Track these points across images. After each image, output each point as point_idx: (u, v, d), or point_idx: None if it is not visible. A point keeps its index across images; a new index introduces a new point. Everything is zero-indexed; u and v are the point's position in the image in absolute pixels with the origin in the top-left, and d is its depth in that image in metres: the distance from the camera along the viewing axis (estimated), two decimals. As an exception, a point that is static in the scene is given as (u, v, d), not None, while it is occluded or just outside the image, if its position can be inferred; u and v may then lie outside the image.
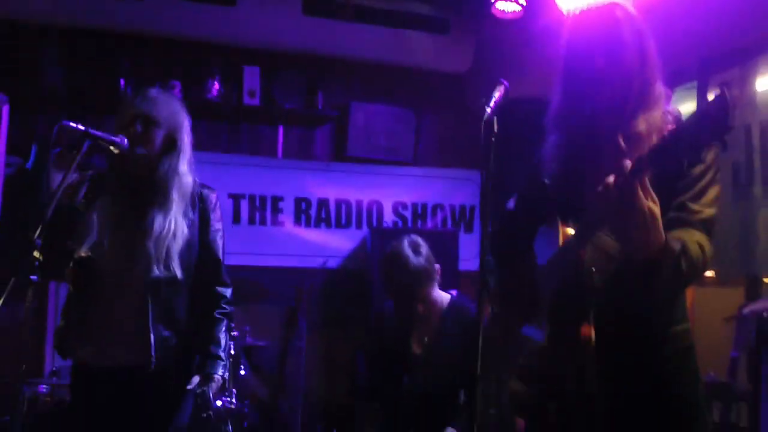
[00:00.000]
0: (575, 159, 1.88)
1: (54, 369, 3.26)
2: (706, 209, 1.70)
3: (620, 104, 1.76)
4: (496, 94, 1.68)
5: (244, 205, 4.79)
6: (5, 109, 3.91)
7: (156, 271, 2.39)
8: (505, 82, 1.72)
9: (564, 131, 1.92)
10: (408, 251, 3.00)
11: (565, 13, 3.94)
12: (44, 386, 3.20)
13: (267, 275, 4.59)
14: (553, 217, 1.87)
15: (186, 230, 2.48)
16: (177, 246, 2.43)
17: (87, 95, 4.41)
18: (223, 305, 2.58)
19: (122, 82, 4.46)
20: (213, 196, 2.63)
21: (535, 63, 4.16)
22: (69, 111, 4.42)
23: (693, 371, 1.82)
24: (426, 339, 3.09)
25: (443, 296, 3.13)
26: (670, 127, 1.77)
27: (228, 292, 2.62)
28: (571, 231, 1.77)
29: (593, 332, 1.66)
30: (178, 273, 2.43)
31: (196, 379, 2.42)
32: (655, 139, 1.73)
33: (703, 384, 1.85)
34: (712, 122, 1.30)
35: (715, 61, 3.77)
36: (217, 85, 4.66)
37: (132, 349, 2.41)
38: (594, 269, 1.67)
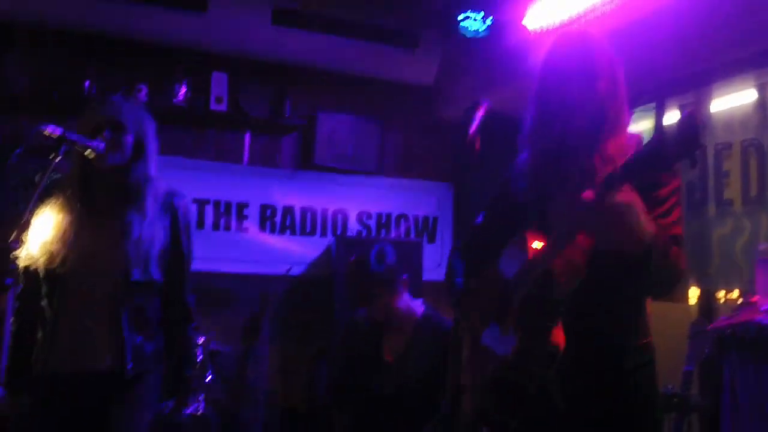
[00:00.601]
0: (545, 176, 1.94)
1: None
2: (674, 227, 1.78)
3: (593, 128, 1.84)
4: (479, 113, 1.73)
5: (209, 211, 4.78)
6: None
7: (136, 275, 2.39)
8: (486, 101, 1.77)
9: (536, 149, 1.98)
10: (372, 259, 3.06)
11: (531, 32, 4.05)
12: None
13: (231, 281, 4.59)
14: (521, 231, 1.92)
15: (162, 235, 2.49)
16: (155, 250, 2.44)
17: (51, 97, 4.35)
18: (193, 317, 2.60)
19: (86, 84, 4.41)
20: (183, 203, 2.62)
21: (502, 79, 4.26)
22: (31, 112, 4.36)
23: (654, 384, 1.89)
24: (396, 347, 3.14)
25: (415, 305, 3.19)
26: (635, 149, 1.88)
27: (193, 299, 2.63)
28: (538, 244, 1.82)
29: (562, 339, 1.71)
30: (157, 276, 2.43)
31: (170, 404, 2.45)
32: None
33: (660, 396, 1.92)
34: (684, 139, 1.38)
35: (672, 84, 3.90)
36: (184, 90, 4.64)
37: (104, 355, 2.40)
38: (562, 280, 1.72)
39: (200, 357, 3.60)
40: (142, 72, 4.59)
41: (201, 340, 2.57)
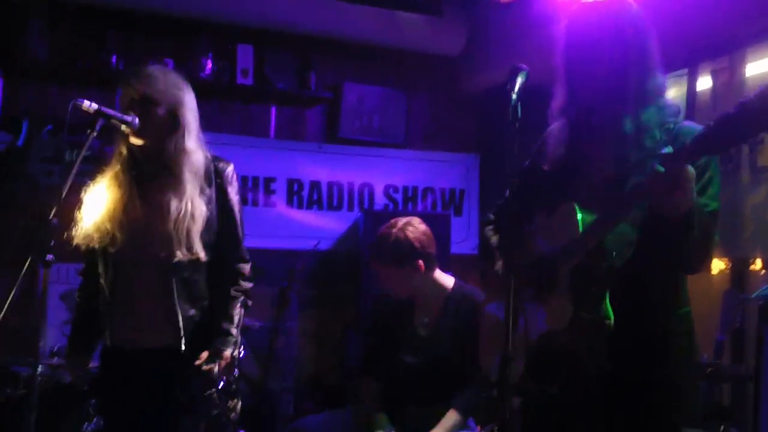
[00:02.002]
0: (577, 147, 1.94)
1: (54, 349, 3.25)
2: (711, 202, 1.76)
3: (621, 95, 1.81)
4: (520, 80, 1.71)
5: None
6: (-1, 83, 3.86)
7: (179, 255, 2.37)
8: (526, 67, 1.75)
9: (566, 120, 1.97)
10: (394, 230, 3.02)
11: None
12: (43, 366, 3.19)
13: (259, 256, 4.56)
14: (555, 201, 1.91)
15: (204, 209, 2.44)
16: (197, 227, 2.40)
17: (75, 68, 4.36)
18: (240, 282, 2.55)
19: (114, 58, 4.42)
20: (229, 169, 2.57)
21: (530, 48, 4.19)
22: (59, 85, 4.38)
23: (694, 352, 1.94)
24: (427, 320, 3.13)
25: (445, 278, 3.18)
26: (670, 120, 1.85)
27: (246, 268, 2.59)
28: (583, 216, 1.81)
29: (611, 311, 1.73)
30: (201, 255, 2.41)
31: (204, 355, 2.41)
32: (657, 132, 1.81)
33: (696, 364, 1.95)
34: (761, 114, 1.38)
35: (705, 49, 3.83)
36: (210, 64, 4.63)
37: (160, 330, 2.43)
38: (615, 253, 1.74)
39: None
40: (168, 45, 4.60)
41: (248, 303, 2.51)
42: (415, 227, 3.06)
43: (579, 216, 1.81)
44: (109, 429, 2.57)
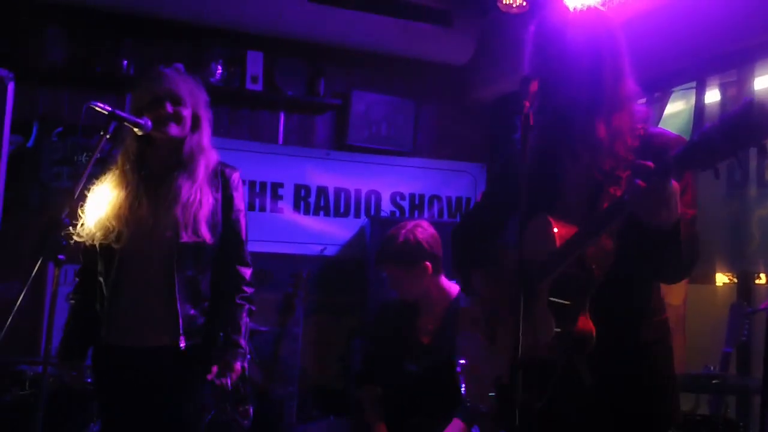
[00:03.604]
0: (550, 154, 1.91)
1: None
2: (688, 209, 1.74)
3: (593, 101, 1.80)
4: (532, 86, 1.70)
5: (245, 191, 4.80)
6: (11, 86, 3.89)
7: (184, 236, 2.40)
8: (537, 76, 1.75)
9: (538, 126, 1.88)
10: (400, 238, 3.02)
11: (570, 9, 3.99)
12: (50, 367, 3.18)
13: (266, 261, 4.59)
14: (529, 209, 1.88)
15: (212, 199, 2.49)
16: (204, 212, 2.44)
17: (89, 73, 4.40)
18: (244, 288, 2.58)
19: (125, 63, 4.45)
20: (235, 175, 2.63)
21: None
22: (70, 89, 4.42)
23: (669, 360, 1.91)
24: (430, 327, 3.13)
25: (450, 286, 3.18)
26: (639, 126, 1.84)
27: (248, 272, 2.62)
28: (563, 228, 1.80)
29: (592, 324, 1.72)
30: (207, 237, 2.43)
31: (215, 369, 2.43)
32: (628, 138, 1.80)
33: (674, 370, 1.93)
34: (752, 126, 1.32)
35: (713, 62, 3.84)
36: (220, 69, 4.67)
37: (160, 328, 2.44)
38: (594, 264, 1.72)
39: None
40: (178, 51, 4.63)
41: (252, 309, 2.53)
42: (424, 229, 3.08)
43: (555, 230, 1.78)
44: (108, 429, 2.57)
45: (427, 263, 3.03)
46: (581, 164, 1.86)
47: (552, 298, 1.77)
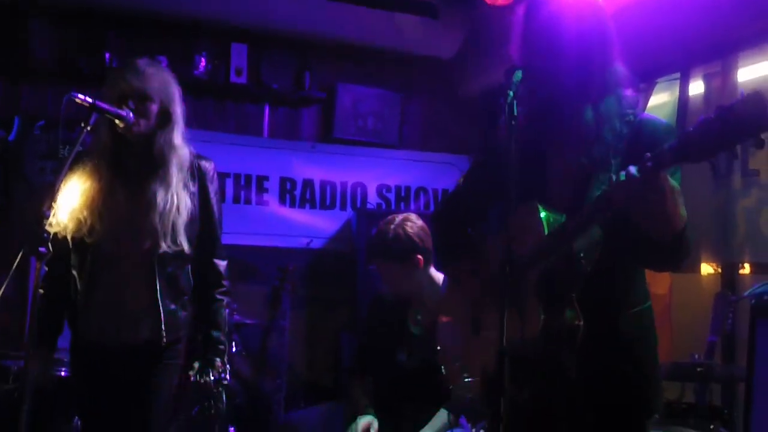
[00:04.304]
0: (536, 140, 1.87)
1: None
2: None
3: (580, 85, 1.79)
4: (516, 79, 1.69)
5: (229, 184, 4.78)
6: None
7: (164, 247, 2.38)
8: (522, 66, 1.73)
9: (525, 113, 1.83)
10: (391, 232, 3.02)
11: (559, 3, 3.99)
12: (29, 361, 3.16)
13: (252, 254, 4.60)
14: (512, 196, 1.86)
15: (189, 202, 2.47)
16: (182, 220, 2.43)
17: (73, 69, 4.36)
18: (223, 282, 2.58)
19: (107, 56, 4.41)
20: (210, 167, 2.60)
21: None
22: (54, 84, 4.38)
23: (654, 346, 1.91)
24: (421, 319, 3.13)
25: (440, 278, 3.18)
26: (628, 112, 1.82)
27: (223, 265, 2.62)
28: (547, 216, 1.78)
29: (580, 315, 1.71)
30: (186, 247, 2.42)
31: (196, 365, 2.43)
32: (617, 124, 1.78)
33: (657, 360, 1.92)
34: (748, 119, 1.31)
35: (697, 53, 3.85)
36: (204, 62, 4.64)
37: (140, 325, 2.42)
38: (582, 254, 1.71)
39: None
40: (162, 43, 4.60)
41: (232, 305, 2.55)
42: (413, 222, 3.06)
43: (543, 215, 1.77)
44: (87, 428, 2.55)
45: (419, 256, 3.04)
46: (569, 151, 1.84)
47: (540, 290, 1.76)
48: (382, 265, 3.08)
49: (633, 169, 1.51)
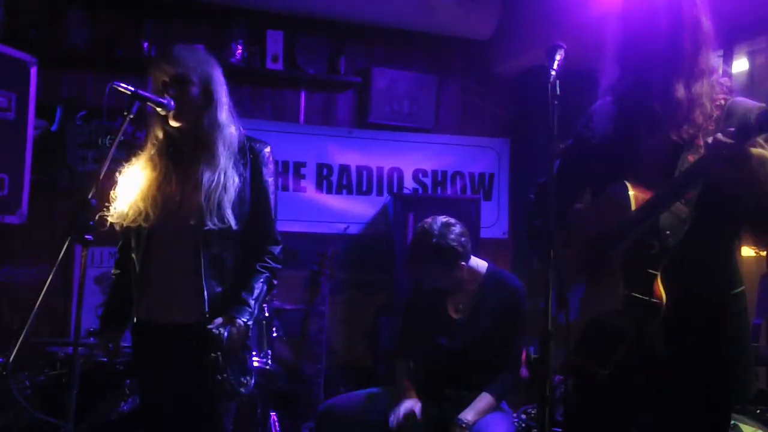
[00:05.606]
0: (628, 122, 1.93)
1: (91, 329, 3.29)
2: None
3: (674, 70, 1.81)
4: (558, 57, 1.70)
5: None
6: (33, 70, 3.92)
7: (209, 224, 2.39)
8: (564, 45, 1.74)
9: (613, 97, 1.96)
10: (433, 239, 3.01)
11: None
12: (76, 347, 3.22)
13: (291, 240, 4.60)
14: (605, 177, 1.90)
15: (237, 181, 2.46)
16: (229, 197, 2.42)
17: (111, 56, 4.42)
18: (267, 259, 2.56)
19: (145, 44, 4.45)
20: (266, 150, 2.60)
21: (564, 30, 4.15)
22: (93, 72, 4.44)
23: (747, 331, 1.91)
24: (461, 305, 3.15)
25: (479, 263, 3.18)
26: (721, 96, 1.85)
27: (277, 249, 2.59)
28: (639, 193, 1.80)
29: (664, 291, 1.72)
30: (233, 223, 2.42)
31: (218, 320, 2.40)
32: (708, 107, 1.80)
33: (750, 343, 1.92)
34: None
35: (741, 29, 3.76)
36: (240, 49, 4.65)
37: (187, 306, 2.44)
38: (668, 231, 1.73)
39: (266, 313, 3.67)
40: (198, 31, 4.63)
41: (274, 282, 2.51)
42: (452, 229, 3.05)
43: (631, 193, 1.80)
44: (147, 406, 2.60)
45: (461, 263, 3.05)
46: (660, 131, 1.87)
47: (625, 264, 1.78)
48: (423, 270, 3.10)
49: (720, 135, 1.56)
